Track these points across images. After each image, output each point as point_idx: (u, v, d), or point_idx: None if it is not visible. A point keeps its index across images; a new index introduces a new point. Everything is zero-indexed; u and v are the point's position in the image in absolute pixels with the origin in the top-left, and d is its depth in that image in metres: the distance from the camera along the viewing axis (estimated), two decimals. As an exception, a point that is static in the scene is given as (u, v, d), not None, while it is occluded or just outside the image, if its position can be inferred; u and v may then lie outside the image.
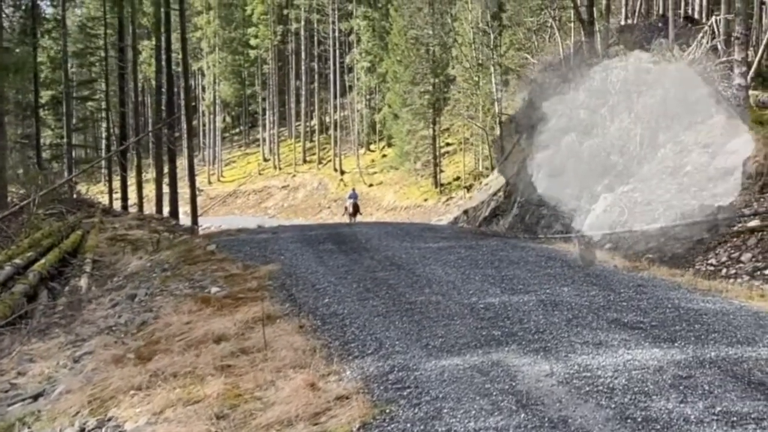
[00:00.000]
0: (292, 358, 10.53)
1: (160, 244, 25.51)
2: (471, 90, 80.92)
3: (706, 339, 10.47)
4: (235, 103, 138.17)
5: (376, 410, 8.37)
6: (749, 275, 17.89)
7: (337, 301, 13.89)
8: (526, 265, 17.33)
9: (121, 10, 52.49)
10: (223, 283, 17.10)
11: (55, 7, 65.99)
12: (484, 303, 13.00)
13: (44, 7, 76.66)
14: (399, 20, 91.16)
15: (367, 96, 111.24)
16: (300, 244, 22.21)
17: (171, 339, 12.58)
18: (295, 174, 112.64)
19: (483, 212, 43.67)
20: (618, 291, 13.97)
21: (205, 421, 8.78)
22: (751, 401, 8.04)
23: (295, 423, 8.42)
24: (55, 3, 64.84)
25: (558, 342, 10.42)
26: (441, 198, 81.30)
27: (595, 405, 8.04)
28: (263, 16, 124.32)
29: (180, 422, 8.96)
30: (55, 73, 68.65)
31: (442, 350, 10.29)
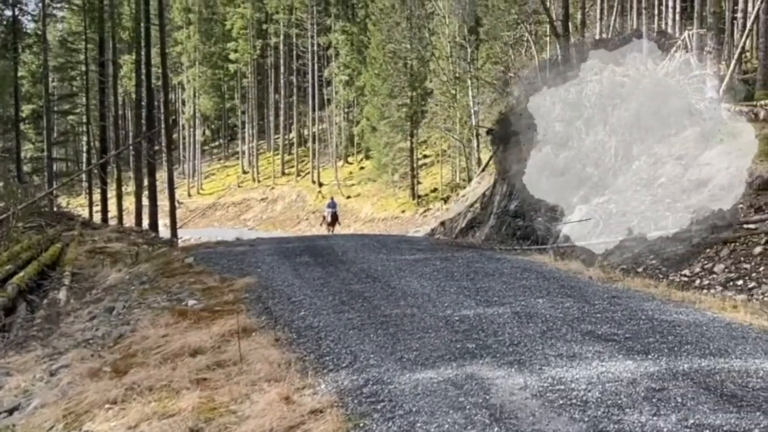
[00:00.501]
0: (267, 371, 10.44)
1: (138, 257, 25.41)
2: (448, 103, 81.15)
3: (679, 351, 10.43)
4: (214, 117, 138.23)
5: (350, 424, 8.30)
6: (722, 286, 17.89)
7: (312, 313, 13.80)
8: (502, 276, 17.27)
9: (102, 25, 52.44)
10: (201, 295, 17.00)
11: (36, 22, 65.97)
12: (459, 315, 12.93)
13: (25, 22, 76.76)
14: (377, 34, 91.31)
15: (346, 109, 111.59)
16: (277, 257, 22.11)
17: (147, 352, 12.48)
18: (274, 186, 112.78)
19: (460, 224, 43.69)
20: (592, 302, 13.92)
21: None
22: (723, 414, 7.99)
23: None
24: (36, 18, 64.83)
25: (532, 354, 10.36)
26: (418, 209, 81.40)
27: (568, 418, 7.97)
28: (243, 30, 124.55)
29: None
30: (35, 87, 68.69)
31: (417, 363, 10.21)
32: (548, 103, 35.20)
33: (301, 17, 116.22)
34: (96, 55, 57.67)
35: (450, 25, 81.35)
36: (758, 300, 16.21)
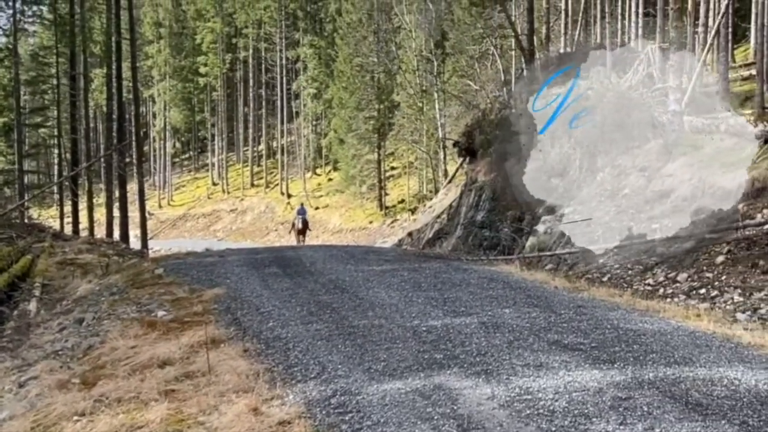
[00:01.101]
0: (236, 382, 10.34)
1: (109, 268, 25.23)
2: (415, 115, 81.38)
3: (644, 360, 10.39)
4: (184, 129, 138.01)
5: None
6: (685, 294, 17.89)
7: (281, 324, 13.70)
8: (469, 287, 17.23)
9: (73, 39, 52.16)
10: (170, 306, 16.87)
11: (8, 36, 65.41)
12: (426, 326, 12.86)
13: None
14: (344, 48, 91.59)
15: (314, 121, 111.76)
16: (246, 268, 22.01)
17: (116, 363, 12.34)
18: (243, 198, 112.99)
19: (427, 234, 43.69)
20: (558, 312, 13.89)
21: (148, 446, 8.62)
22: (689, 422, 7.96)
23: (237, 448, 8.28)
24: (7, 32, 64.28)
25: (499, 364, 10.30)
26: (386, 220, 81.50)
27: (536, 428, 7.92)
28: (212, 45, 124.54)
29: (123, 448, 8.80)
30: (7, 101, 68.04)
31: (385, 374, 10.13)
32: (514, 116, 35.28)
33: (269, 32, 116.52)
34: (67, 68, 57.31)
35: (416, 39, 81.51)
36: (721, 308, 16.21)
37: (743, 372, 9.78)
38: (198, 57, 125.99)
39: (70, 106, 56.51)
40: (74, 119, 55.25)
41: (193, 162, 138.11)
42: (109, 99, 52.61)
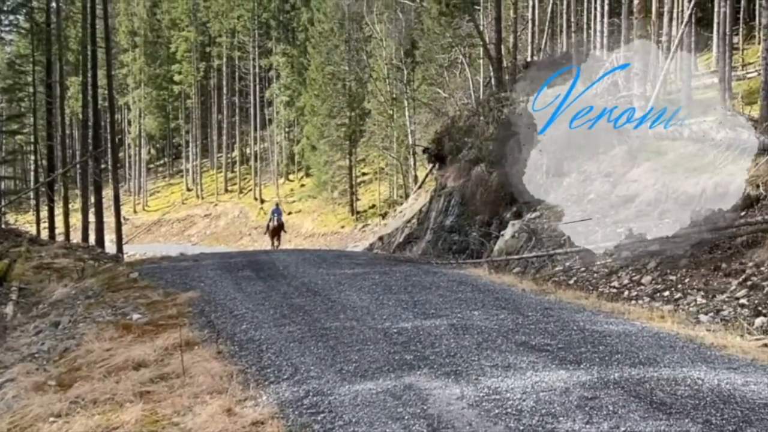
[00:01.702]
0: (210, 383, 10.29)
1: (85, 272, 25.14)
2: (386, 123, 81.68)
3: (610, 360, 10.41)
4: (159, 136, 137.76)
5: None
6: (649, 297, 17.92)
7: (254, 327, 13.64)
8: (438, 290, 17.21)
9: (49, 48, 52.07)
10: (145, 310, 16.77)
11: (-16, 45, 65.44)
12: (397, 328, 12.84)
13: (-27, 46, 75.90)
14: (316, 57, 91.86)
15: (286, 128, 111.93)
16: (220, 271, 21.93)
17: (92, 366, 12.27)
18: (217, 203, 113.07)
19: (397, 238, 43.68)
20: (526, 314, 13.89)
21: (123, 447, 8.58)
22: (653, 421, 7.97)
23: (211, 448, 8.25)
24: (-16, 42, 64.27)
25: (468, 365, 10.29)
26: (357, 225, 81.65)
27: (504, 427, 7.91)
28: (187, 53, 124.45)
29: (98, 449, 8.75)
30: (-16, 109, 67.90)
31: (356, 375, 10.11)
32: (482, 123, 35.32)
33: (243, 40, 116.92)
34: (43, 77, 57.08)
35: (387, 48, 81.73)
36: (684, 310, 16.25)
37: (706, 372, 9.81)
38: (172, 65, 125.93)
39: (47, 114, 56.37)
40: (50, 126, 55.10)
41: (167, 168, 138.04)
42: (85, 106, 52.40)
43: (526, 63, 46.51)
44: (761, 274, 16.68)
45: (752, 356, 10.87)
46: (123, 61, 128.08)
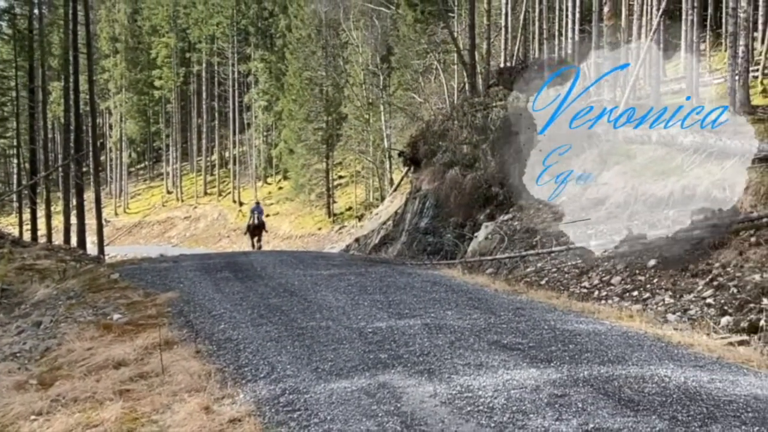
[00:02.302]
0: (188, 382, 10.27)
1: (66, 273, 25.02)
2: (362, 127, 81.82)
3: (579, 358, 10.43)
4: (140, 140, 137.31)
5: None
6: (619, 297, 17.98)
7: (232, 326, 13.62)
8: (413, 290, 17.21)
9: (32, 53, 51.89)
10: (125, 310, 16.72)
11: (-32, 50, 65.24)
12: (372, 327, 12.83)
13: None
14: (294, 62, 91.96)
15: (265, 132, 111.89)
16: (199, 273, 21.87)
17: (73, 365, 12.23)
18: (197, 205, 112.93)
19: (373, 240, 43.67)
20: (498, 314, 13.90)
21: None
22: (621, 417, 7.98)
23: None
24: (-32, 47, 64.10)
25: (441, 364, 10.29)
26: (334, 227, 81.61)
27: (476, 424, 7.92)
28: (167, 59, 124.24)
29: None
30: (-33, 113, 67.61)
31: (332, 373, 10.10)
32: (456, 127, 35.35)
33: (222, 46, 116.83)
34: (26, 81, 56.93)
35: (363, 54, 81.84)
36: (652, 310, 16.31)
37: (673, 370, 9.84)
38: (153, 71, 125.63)
39: (29, 118, 56.17)
40: (33, 130, 54.92)
41: (148, 171, 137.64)
42: (67, 111, 52.24)
43: (499, 69, 46.52)
44: (727, 275, 16.75)
45: (718, 354, 10.92)
46: (104, 67, 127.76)
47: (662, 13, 37.31)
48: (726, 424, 7.79)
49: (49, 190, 57.86)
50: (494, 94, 38.42)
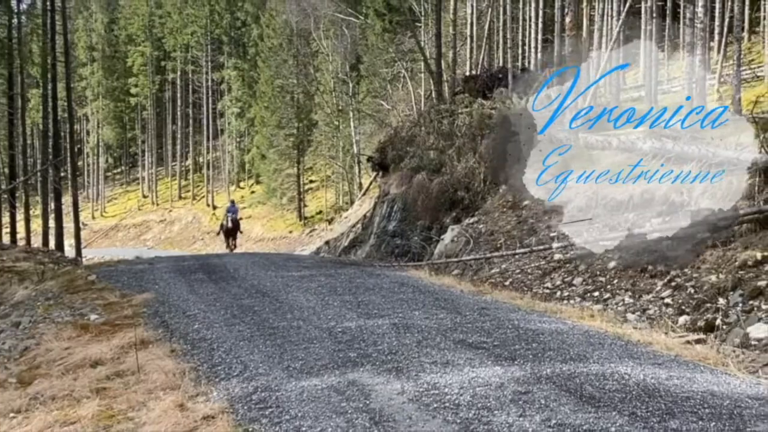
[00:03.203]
0: (163, 380, 10.23)
1: (45, 275, 24.87)
2: (332, 133, 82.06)
3: (542, 357, 10.44)
4: (117, 145, 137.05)
5: (240, 429, 8.16)
6: (580, 297, 18.03)
7: (206, 326, 13.58)
8: (381, 291, 17.22)
9: (11, 62, 51.51)
10: (102, 310, 16.67)
11: (-52, 58, 64.69)
12: (341, 327, 12.82)
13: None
14: (266, 71, 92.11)
15: (237, 138, 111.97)
16: (174, 274, 21.83)
17: (51, 364, 12.18)
18: (172, 209, 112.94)
19: (343, 242, 43.59)
20: (464, 314, 13.91)
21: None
22: (583, 414, 7.99)
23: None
24: (-53, 55, 63.56)
25: (409, 362, 10.28)
26: (305, 230, 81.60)
27: (442, 420, 7.91)
28: (143, 67, 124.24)
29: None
30: (-53, 119, 67.15)
31: (302, 372, 10.08)
32: (423, 133, 35.37)
33: (196, 55, 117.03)
34: (5, 89, 56.52)
35: (333, 63, 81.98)
36: (612, 309, 16.36)
37: (633, 367, 9.87)
38: (129, 78, 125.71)
39: (8, 124, 55.77)
40: (12, 136, 54.54)
41: (124, 176, 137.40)
42: (45, 117, 51.94)
43: (465, 77, 46.59)
44: (684, 276, 16.82)
45: (676, 352, 10.97)
46: (82, 75, 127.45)
47: (621, 24, 37.50)
48: (684, 419, 7.81)
49: (28, 194, 57.38)
50: (460, 101, 38.46)
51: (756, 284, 14.84)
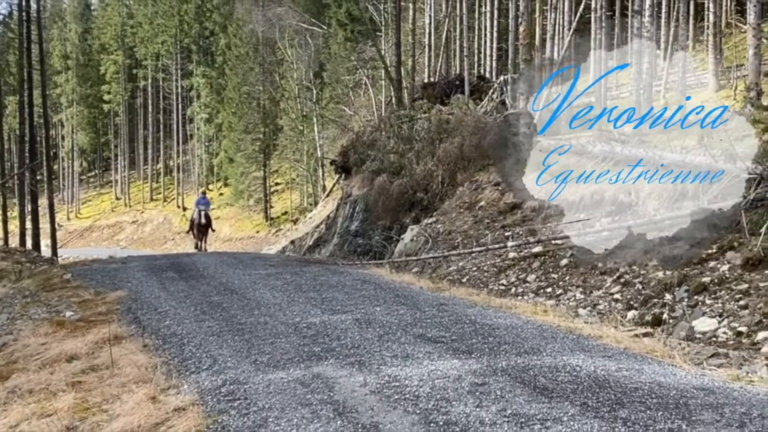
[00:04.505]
0: (136, 374, 10.16)
1: (22, 274, 24.66)
2: (297, 137, 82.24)
3: (498, 350, 10.43)
4: (90, 150, 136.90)
5: (210, 420, 8.09)
6: (534, 293, 18.09)
7: (176, 322, 13.50)
8: (344, 288, 17.18)
9: (-11, 71, 51.36)
10: (77, 307, 16.54)
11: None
12: (306, 322, 12.78)
13: None
14: (233, 78, 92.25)
15: (206, 143, 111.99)
16: (146, 273, 21.70)
17: (28, 359, 12.07)
18: (144, 210, 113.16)
19: (307, 242, 43.61)
20: (423, 309, 13.89)
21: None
22: (536, 404, 7.99)
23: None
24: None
25: (371, 356, 10.25)
26: (271, 230, 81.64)
27: (402, 411, 7.89)
28: (115, 75, 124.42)
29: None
30: (-74, 126, 66.60)
31: (269, 365, 10.03)
32: (384, 138, 35.39)
33: (166, 63, 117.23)
34: (-16, 98, 56.46)
35: (297, 70, 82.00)
36: (564, 305, 16.43)
37: (584, 360, 9.89)
38: (102, 86, 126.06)
39: (-14, 130, 55.50)
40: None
41: (98, 179, 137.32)
42: (22, 123, 51.68)
43: (424, 84, 46.67)
44: (633, 272, 16.92)
45: (624, 345, 11.00)
46: (57, 82, 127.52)
47: (572, 33, 37.69)
48: (632, 409, 7.83)
49: (6, 197, 56.98)
50: (419, 107, 38.50)
51: (701, 280, 14.94)
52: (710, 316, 13.64)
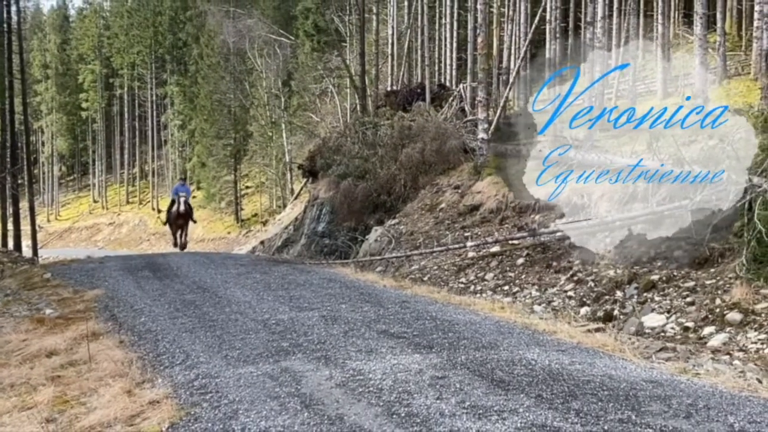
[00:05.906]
0: (113, 369, 10.11)
1: (3, 273, 24.49)
2: (266, 143, 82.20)
3: (457, 345, 10.44)
4: (69, 155, 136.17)
5: (183, 412, 8.06)
6: (492, 291, 18.14)
7: (151, 319, 13.44)
8: (311, 286, 17.16)
9: (-29, 79, 50.85)
10: (56, 305, 16.44)
11: None
12: (275, 319, 12.75)
13: None
14: (205, 86, 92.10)
15: (180, 148, 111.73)
16: (122, 272, 21.58)
17: (10, 354, 11.99)
18: (120, 213, 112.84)
19: (276, 242, 43.47)
20: (386, 307, 13.90)
21: (36, 425, 8.33)
22: (494, 396, 8.00)
23: (113, 424, 8.06)
24: None
25: (336, 351, 10.24)
26: (242, 231, 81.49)
27: (366, 403, 7.88)
28: (93, 83, 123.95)
29: (14, 426, 8.50)
30: None
31: (240, 360, 10.01)
32: (349, 143, 35.37)
33: (142, 72, 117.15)
34: (-35, 103, 55.89)
35: (266, 79, 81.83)
36: (521, 302, 16.49)
37: (539, 354, 9.92)
38: (80, 94, 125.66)
39: (-32, 136, 55.06)
40: (-29, 147, 53.87)
41: (77, 183, 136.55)
42: (3, 130, 51.18)
43: (387, 92, 46.65)
44: (585, 271, 17.01)
45: (578, 340, 11.05)
46: (37, 91, 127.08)
47: (528, 43, 37.81)
48: (585, 400, 7.86)
49: (-13, 200, 56.80)
50: (382, 114, 38.52)
51: (650, 278, 15.05)
52: (659, 312, 13.74)
